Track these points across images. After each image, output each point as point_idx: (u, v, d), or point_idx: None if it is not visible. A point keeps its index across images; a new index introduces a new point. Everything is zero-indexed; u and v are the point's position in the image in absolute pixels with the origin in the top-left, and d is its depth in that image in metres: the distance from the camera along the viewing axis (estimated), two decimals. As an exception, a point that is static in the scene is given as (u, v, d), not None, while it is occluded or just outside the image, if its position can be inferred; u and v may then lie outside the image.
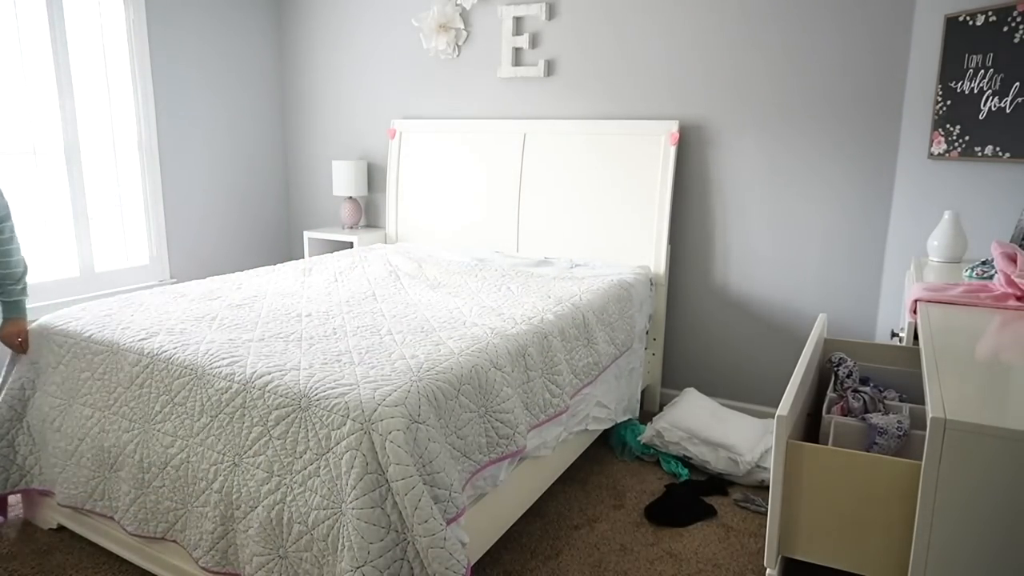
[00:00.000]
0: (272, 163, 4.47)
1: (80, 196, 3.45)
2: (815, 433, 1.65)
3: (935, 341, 1.41)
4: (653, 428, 2.89)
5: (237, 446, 1.79)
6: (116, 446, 2.04)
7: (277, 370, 1.83)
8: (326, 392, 1.70)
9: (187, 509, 1.90)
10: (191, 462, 1.88)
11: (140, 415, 2.00)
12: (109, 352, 2.11)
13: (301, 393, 1.72)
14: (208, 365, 1.91)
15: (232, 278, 2.92)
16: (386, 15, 3.98)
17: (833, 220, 3.01)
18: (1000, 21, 2.30)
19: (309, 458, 1.66)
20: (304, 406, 1.70)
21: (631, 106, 3.37)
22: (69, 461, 2.15)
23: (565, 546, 2.32)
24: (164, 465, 1.93)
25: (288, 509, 1.68)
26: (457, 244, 3.78)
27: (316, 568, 1.65)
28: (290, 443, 1.70)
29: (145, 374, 2.01)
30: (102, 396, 2.10)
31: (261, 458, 1.74)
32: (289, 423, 1.71)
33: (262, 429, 1.75)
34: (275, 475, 1.71)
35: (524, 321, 2.32)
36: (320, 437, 1.65)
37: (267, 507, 1.70)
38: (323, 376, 1.78)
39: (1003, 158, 2.34)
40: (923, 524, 1.09)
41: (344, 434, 1.61)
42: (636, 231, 3.27)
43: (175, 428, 1.92)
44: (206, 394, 1.87)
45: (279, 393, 1.75)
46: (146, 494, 1.97)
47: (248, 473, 1.76)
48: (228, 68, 4.10)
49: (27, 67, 3.20)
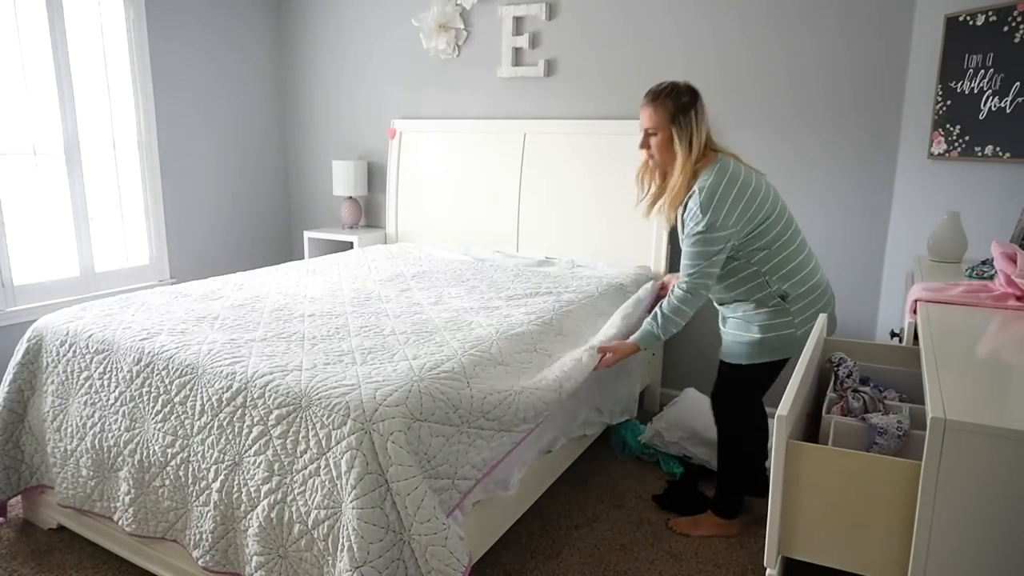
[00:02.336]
0: (272, 163, 4.47)
1: (80, 196, 3.45)
2: (815, 433, 1.65)
3: (935, 341, 1.41)
4: (653, 428, 2.89)
5: (238, 445, 1.79)
6: (116, 446, 2.04)
7: (279, 370, 1.84)
8: (327, 392, 1.70)
9: (187, 509, 1.90)
10: (191, 461, 1.88)
11: (140, 414, 2.00)
12: (109, 351, 2.11)
13: (302, 393, 1.72)
14: (209, 365, 1.91)
15: (234, 278, 2.92)
16: (386, 15, 3.98)
17: (833, 220, 3.01)
18: (1000, 21, 2.30)
19: (310, 457, 1.66)
20: (305, 405, 1.70)
21: (631, 106, 3.36)
22: (68, 461, 2.16)
23: (565, 546, 2.32)
24: (164, 465, 1.93)
25: (288, 509, 1.68)
26: (457, 244, 3.78)
27: (316, 568, 1.65)
28: (291, 443, 1.70)
29: (146, 373, 2.01)
30: (102, 395, 2.10)
31: (261, 458, 1.74)
32: (290, 423, 1.71)
33: (262, 428, 1.75)
34: (275, 474, 1.71)
35: (528, 322, 2.32)
36: (320, 437, 1.65)
37: (267, 506, 1.71)
38: (325, 376, 1.78)
39: (1003, 158, 2.33)
40: (923, 524, 1.09)
41: (344, 434, 1.61)
42: (636, 231, 3.27)
43: (175, 427, 1.92)
44: (206, 393, 1.87)
45: (280, 392, 1.75)
46: (146, 494, 1.97)
47: (248, 472, 1.76)
48: (228, 68, 4.10)
49: (27, 67, 3.20)
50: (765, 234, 2.10)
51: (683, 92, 2.10)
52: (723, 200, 2.02)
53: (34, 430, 2.27)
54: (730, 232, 2.05)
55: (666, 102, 2.09)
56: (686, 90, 2.11)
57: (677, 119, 2.08)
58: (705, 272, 2.10)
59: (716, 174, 2.05)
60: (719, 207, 2.02)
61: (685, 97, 2.09)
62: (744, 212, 2.05)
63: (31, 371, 2.29)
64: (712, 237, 2.05)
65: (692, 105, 2.09)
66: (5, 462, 2.27)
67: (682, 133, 2.08)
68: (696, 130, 2.08)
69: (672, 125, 2.09)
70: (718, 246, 2.06)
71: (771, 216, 2.10)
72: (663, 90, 2.11)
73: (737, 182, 2.05)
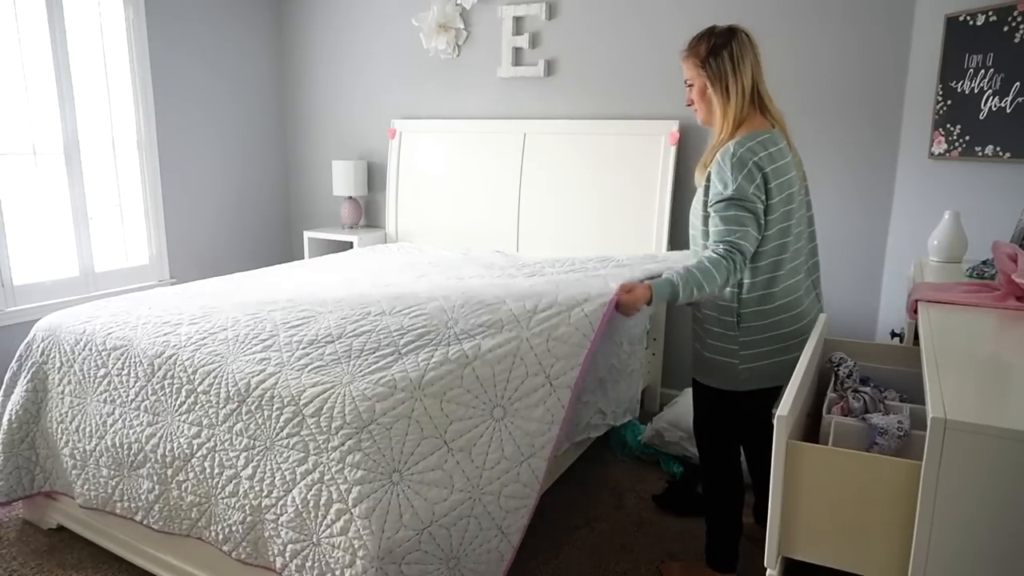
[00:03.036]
0: (272, 163, 4.47)
1: (80, 196, 3.45)
2: (815, 433, 1.64)
3: (935, 341, 1.41)
4: (653, 428, 2.89)
5: (268, 430, 1.78)
6: (137, 442, 2.02)
7: (315, 349, 1.92)
8: (370, 367, 1.80)
9: (211, 503, 1.88)
10: (218, 451, 1.86)
11: (163, 407, 1.99)
12: (127, 347, 2.10)
13: (344, 371, 1.80)
14: (234, 354, 1.93)
15: (241, 277, 2.93)
16: (386, 15, 3.98)
17: (833, 220, 3.01)
18: (1000, 21, 2.30)
19: (348, 432, 1.66)
20: (346, 382, 1.74)
21: (631, 106, 3.37)
22: (88, 461, 2.13)
23: (565, 546, 2.32)
24: (188, 457, 1.91)
25: (328, 489, 1.66)
26: (457, 244, 3.78)
27: (349, 555, 1.61)
28: (324, 420, 1.70)
29: (168, 366, 2.00)
30: (121, 392, 2.09)
31: (295, 438, 1.73)
32: (324, 400, 1.73)
33: (294, 409, 1.75)
34: (311, 454, 1.70)
35: (549, 318, 2.30)
36: (361, 410, 1.68)
37: (305, 488, 1.69)
38: (360, 359, 1.86)
39: (1003, 158, 2.33)
40: (923, 524, 1.08)
41: (392, 404, 1.69)
42: (636, 231, 3.27)
43: (199, 418, 1.91)
44: (233, 380, 1.86)
45: (314, 374, 1.80)
46: (169, 490, 1.96)
47: (282, 456, 1.74)
48: (228, 68, 4.10)
49: (27, 67, 3.20)
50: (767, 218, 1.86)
51: (717, 34, 1.87)
52: (750, 164, 1.79)
53: (47, 433, 2.26)
54: (757, 205, 1.80)
55: (698, 47, 1.89)
56: (721, 31, 1.87)
57: (708, 62, 1.86)
58: (740, 239, 1.81)
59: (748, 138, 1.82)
60: (750, 175, 1.79)
61: (718, 39, 1.86)
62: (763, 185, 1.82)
63: (45, 371, 2.28)
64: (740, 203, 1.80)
65: (725, 46, 1.84)
66: (18, 462, 2.26)
67: (715, 77, 1.86)
68: (732, 74, 1.84)
69: (704, 70, 1.87)
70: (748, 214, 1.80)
71: (780, 206, 1.86)
72: (697, 35, 1.92)
73: (765, 151, 1.81)
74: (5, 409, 2.32)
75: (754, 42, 1.89)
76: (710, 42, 1.87)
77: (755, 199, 1.81)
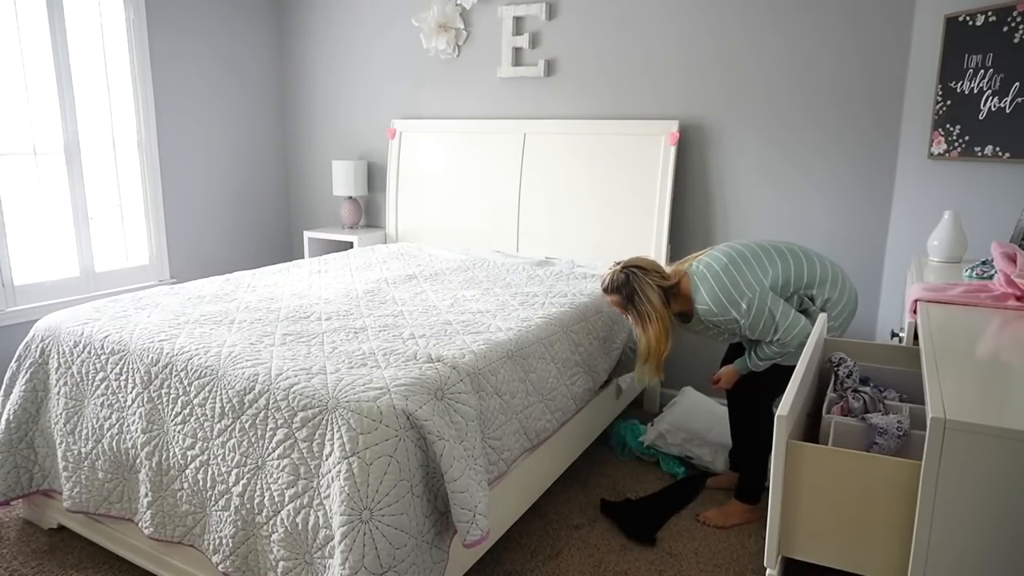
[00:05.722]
0: (272, 163, 4.48)
1: (80, 196, 3.45)
2: (815, 433, 1.65)
3: (935, 341, 1.41)
4: (655, 430, 2.88)
5: (261, 449, 1.75)
6: (134, 447, 2.01)
7: (303, 373, 1.81)
8: (356, 395, 1.68)
9: (205, 513, 1.87)
10: (211, 464, 1.84)
11: (159, 416, 1.97)
12: (125, 352, 2.08)
13: (329, 395, 1.69)
14: (228, 367, 1.88)
15: (245, 277, 2.92)
16: (386, 15, 3.98)
17: (833, 220, 3.01)
18: (1000, 21, 2.30)
19: (334, 461, 1.62)
20: (332, 407, 1.66)
21: (631, 106, 3.37)
22: (82, 464, 2.12)
23: (565, 546, 2.32)
24: (183, 468, 1.90)
25: (315, 513, 1.65)
26: (457, 244, 3.78)
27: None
28: (316, 446, 1.67)
29: (164, 374, 1.97)
30: (119, 396, 2.07)
31: (286, 461, 1.70)
32: (315, 425, 1.67)
33: (287, 431, 1.71)
34: (301, 478, 1.68)
35: (541, 325, 2.34)
36: (345, 440, 1.61)
37: (292, 511, 1.68)
38: (351, 380, 1.75)
39: (1003, 158, 2.34)
40: (923, 524, 1.09)
41: (376, 439, 1.60)
42: (636, 231, 3.27)
43: (195, 430, 1.88)
44: (226, 395, 1.83)
45: (306, 395, 1.71)
46: (163, 497, 1.95)
47: (272, 476, 1.72)
48: (228, 68, 4.10)
49: (27, 67, 3.20)
50: None
51: (620, 286, 2.28)
52: (734, 283, 2.19)
53: (46, 433, 2.25)
54: (762, 289, 2.18)
55: (614, 297, 2.33)
56: (621, 284, 2.28)
57: (630, 309, 2.30)
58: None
59: (704, 283, 2.21)
60: (738, 287, 2.18)
61: (624, 290, 2.28)
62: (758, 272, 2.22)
63: (45, 371, 2.27)
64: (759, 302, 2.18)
65: (633, 292, 2.26)
66: (17, 461, 2.25)
67: (641, 311, 2.27)
68: (650, 301, 2.26)
69: (629, 313, 2.32)
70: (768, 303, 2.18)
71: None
72: (605, 288, 2.34)
73: (729, 270, 2.20)
74: (4, 409, 2.32)
75: (648, 266, 2.32)
76: (620, 295, 2.29)
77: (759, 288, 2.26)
